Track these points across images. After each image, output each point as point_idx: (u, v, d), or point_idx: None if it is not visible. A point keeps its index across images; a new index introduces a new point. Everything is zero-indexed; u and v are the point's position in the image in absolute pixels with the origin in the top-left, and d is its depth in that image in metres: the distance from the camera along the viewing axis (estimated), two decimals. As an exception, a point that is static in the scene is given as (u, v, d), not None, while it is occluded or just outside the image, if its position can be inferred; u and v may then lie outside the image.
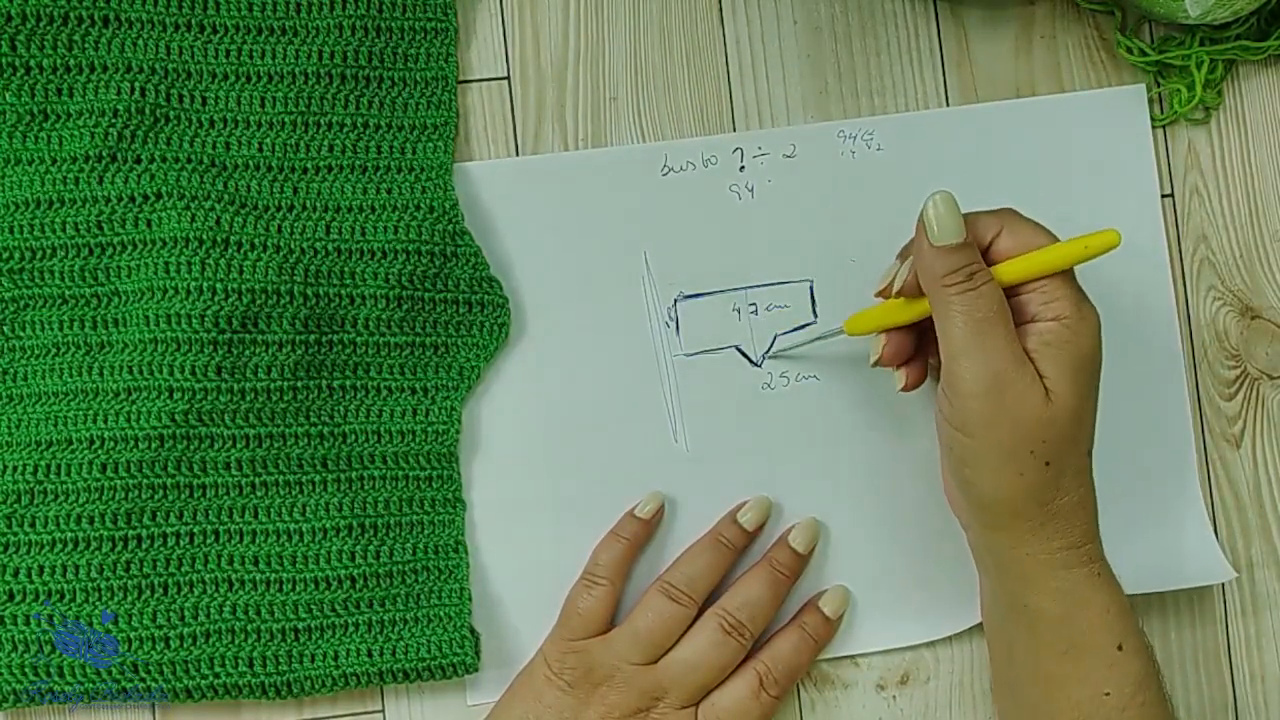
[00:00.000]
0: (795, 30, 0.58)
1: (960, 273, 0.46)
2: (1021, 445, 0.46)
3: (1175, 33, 0.59)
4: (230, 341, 0.52)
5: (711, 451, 0.56)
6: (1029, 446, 0.46)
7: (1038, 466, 0.46)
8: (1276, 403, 0.59)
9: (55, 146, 0.54)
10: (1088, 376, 0.47)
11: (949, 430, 0.48)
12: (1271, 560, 0.58)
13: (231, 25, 0.55)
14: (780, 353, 0.56)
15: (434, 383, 0.55)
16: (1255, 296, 0.59)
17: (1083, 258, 0.47)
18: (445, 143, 0.56)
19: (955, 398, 0.46)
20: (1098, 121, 0.58)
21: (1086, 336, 0.47)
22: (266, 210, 0.54)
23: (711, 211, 0.57)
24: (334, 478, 0.54)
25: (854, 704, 0.56)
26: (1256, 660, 0.58)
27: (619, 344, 0.56)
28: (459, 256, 0.55)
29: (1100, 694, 0.48)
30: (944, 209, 0.46)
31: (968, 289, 0.46)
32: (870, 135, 0.57)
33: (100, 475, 0.52)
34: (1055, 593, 0.48)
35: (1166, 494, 0.57)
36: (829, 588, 0.56)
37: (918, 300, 0.49)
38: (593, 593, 0.54)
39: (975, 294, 0.46)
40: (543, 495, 0.56)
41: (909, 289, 0.49)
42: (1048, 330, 0.46)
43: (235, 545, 0.53)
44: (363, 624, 0.53)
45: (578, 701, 0.52)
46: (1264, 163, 0.59)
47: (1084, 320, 0.47)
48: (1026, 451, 0.46)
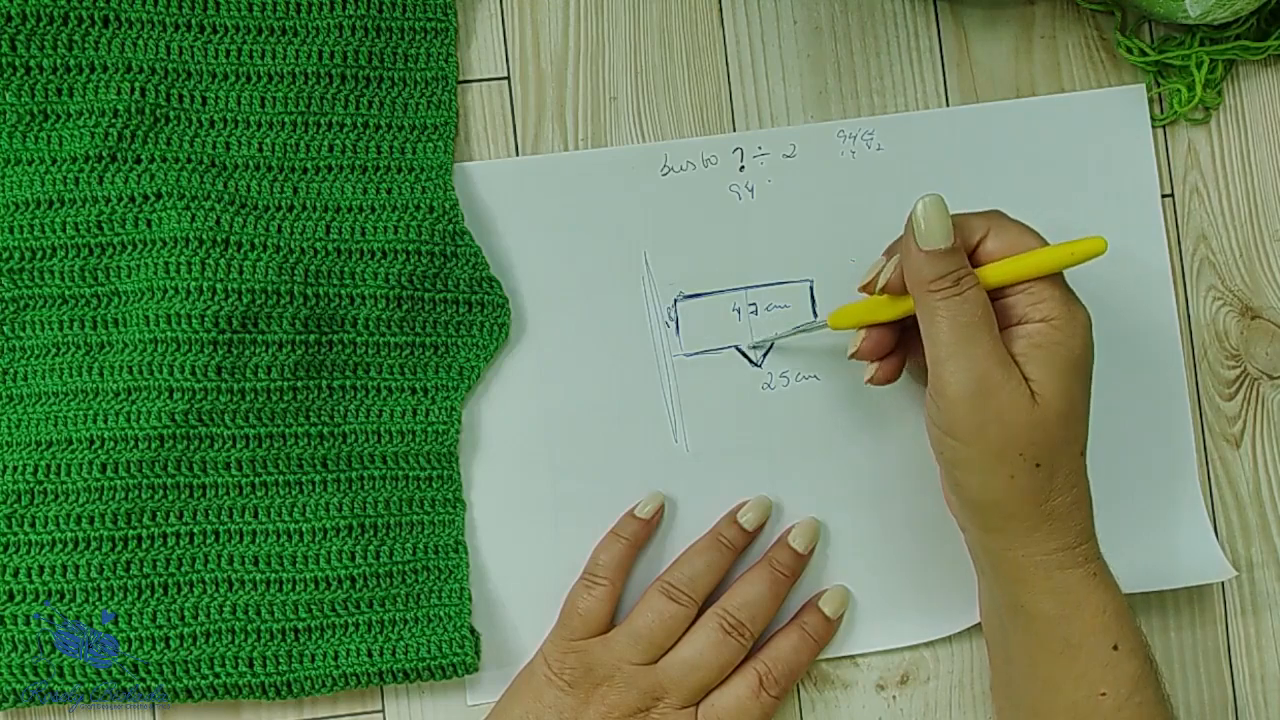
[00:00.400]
0: (795, 30, 0.58)
1: (946, 278, 0.46)
2: (1010, 448, 0.46)
3: (1175, 33, 0.59)
4: (230, 341, 0.52)
5: (711, 451, 0.56)
6: (1017, 449, 0.46)
7: (1028, 469, 0.46)
8: (1276, 403, 0.59)
9: (55, 146, 0.54)
10: (1078, 377, 0.47)
11: (939, 435, 0.48)
12: (1271, 560, 0.58)
13: (231, 25, 0.55)
14: (760, 343, 0.56)
15: (434, 383, 0.55)
16: (1255, 296, 0.59)
17: (1068, 263, 0.47)
18: (445, 143, 0.56)
19: (942, 402, 0.47)
20: (1098, 121, 0.58)
21: (1076, 337, 0.47)
22: (266, 210, 0.54)
23: (711, 211, 0.57)
24: (334, 478, 0.54)
25: (854, 704, 0.56)
26: (1256, 660, 0.58)
27: (619, 344, 0.56)
28: (459, 256, 0.55)
29: (1096, 694, 0.48)
30: (932, 213, 0.46)
31: (953, 294, 0.46)
32: (870, 135, 0.57)
33: (100, 475, 0.52)
34: (1051, 593, 0.48)
35: (1166, 494, 0.57)
36: (829, 588, 0.56)
37: (902, 298, 0.49)
38: (593, 593, 0.54)
39: (961, 299, 0.46)
40: (543, 495, 0.56)
41: (893, 287, 0.49)
42: (1036, 332, 0.47)
43: (235, 545, 0.53)
44: (363, 624, 0.54)
45: (578, 701, 0.52)
46: (1264, 163, 0.59)
47: (1073, 321, 0.47)
48: (1015, 454, 0.46)
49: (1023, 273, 0.47)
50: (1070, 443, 0.47)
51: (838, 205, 0.57)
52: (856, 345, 0.51)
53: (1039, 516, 0.47)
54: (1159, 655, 0.55)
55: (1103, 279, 0.49)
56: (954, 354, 0.46)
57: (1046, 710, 0.49)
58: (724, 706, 0.53)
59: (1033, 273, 0.47)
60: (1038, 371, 0.46)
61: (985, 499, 0.47)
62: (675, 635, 0.53)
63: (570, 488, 0.56)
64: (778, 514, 0.56)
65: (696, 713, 0.53)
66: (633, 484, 0.56)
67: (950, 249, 0.46)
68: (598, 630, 0.53)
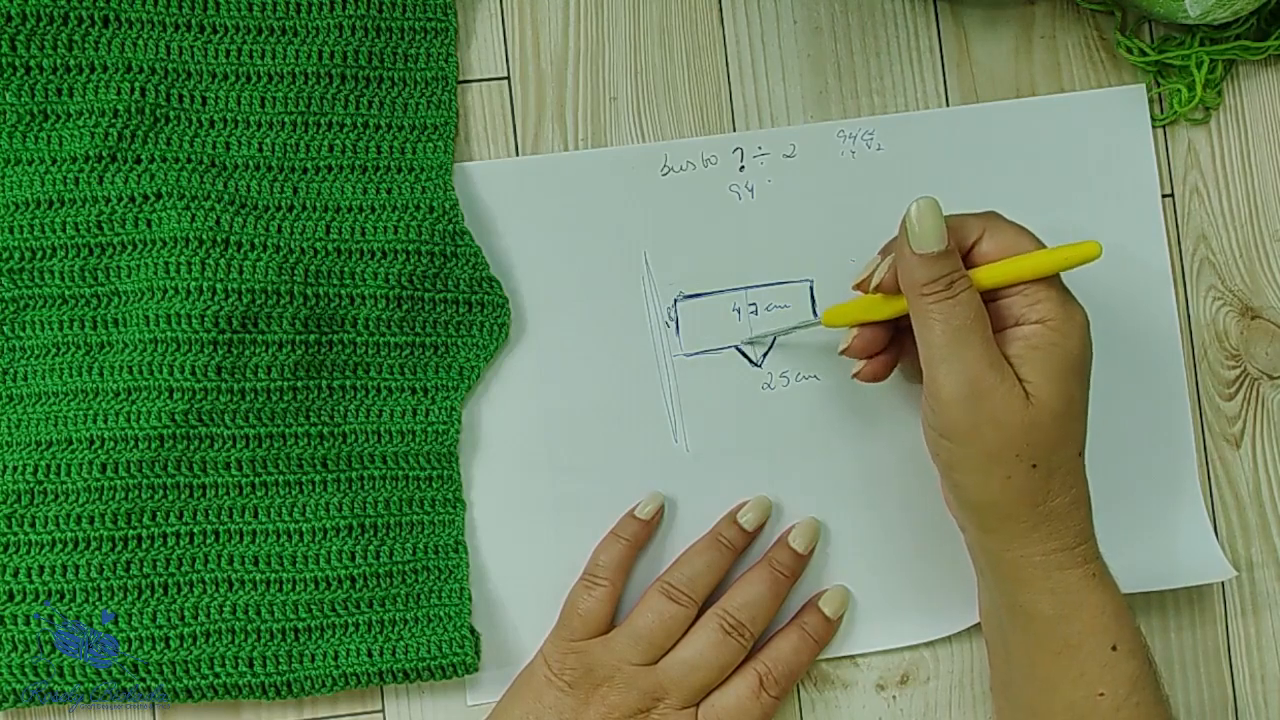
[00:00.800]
0: (795, 30, 0.58)
1: (939, 281, 0.46)
2: (1005, 450, 0.46)
3: (1175, 33, 0.59)
4: (230, 341, 0.52)
5: (711, 451, 0.56)
6: (1013, 450, 0.46)
7: (1025, 469, 0.46)
8: (1276, 403, 0.59)
9: (55, 146, 0.54)
10: (1075, 377, 0.47)
11: (935, 436, 0.48)
12: (1271, 560, 0.58)
13: (231, 25, 0.55)
14: (758, 339, 0.56)
15: (434, 383, 0.55)
16: (1255, 296, 0.59)
17: (1062, 266, 0.47)
18: (445, 143, 0.56)
19: (937, 404, 0.47)
20: (1098, 121, 0.58)
21: (1073, 338, 0.47)
22: (266, 210, 0.54)
23: (711, 211, 0.57)
24: (334, 478, 0.54)
25: (854, 704, 0.57)
26: (1256, 660, 0.58)
27: (619, 344, 0.56)
28: (459, 256, 0.55)
29: (1095, 694, 0.48)
30: (926, 216, 0.46)
31: (946, 298, 0.46)
32: (870, 135, 0.57)
33: (100, 475, 0.52)
34: (1049, 593, 0.48)
35: (1166, 494, 0.57)
36: (829, 588, 0.56)
37: (896, 298, 0.49)
38: (593, 593, 0.54)
39: (953, 302, 0.46)
40: (543, 495, 0.56)
41: (887, 286, 0.49)
42: (1032, 333, 0.47)
43: (235, 545, 0.53)
44: (363, 624, 0.54)
45: (578, 702, 0.52)
46: (1264, 163, 0.59)
47: (1070, 321, 0.47)
48: (1011, 455, 0.46)
49: (1018, 275, 0.47)
50: (1067, 443, 0.47)
51: (838, 205, 0.57)
52: (848, 342, 0.51)
53: (1037, 517, 0.47)
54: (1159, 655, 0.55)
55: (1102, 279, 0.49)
56: (946, 357, 0.46)
57: (1045, 710, 0.49)
58: (724, 707, 0.53)
59: (1028, 275, 0.47)
60: (1034, 373, 0.46)
61: (982, 500, 0.47)
62: (675, 636, 0.53)
63: (570, 488, 0.56)
64: (778, 514, 0.56)
65: (697, 713, 0.53)
66: (633, 484, 0.56)
67: (943, 252, 0.46)
68: (598, 631, 0.53)
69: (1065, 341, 0.46)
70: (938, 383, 0.46)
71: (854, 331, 0.51)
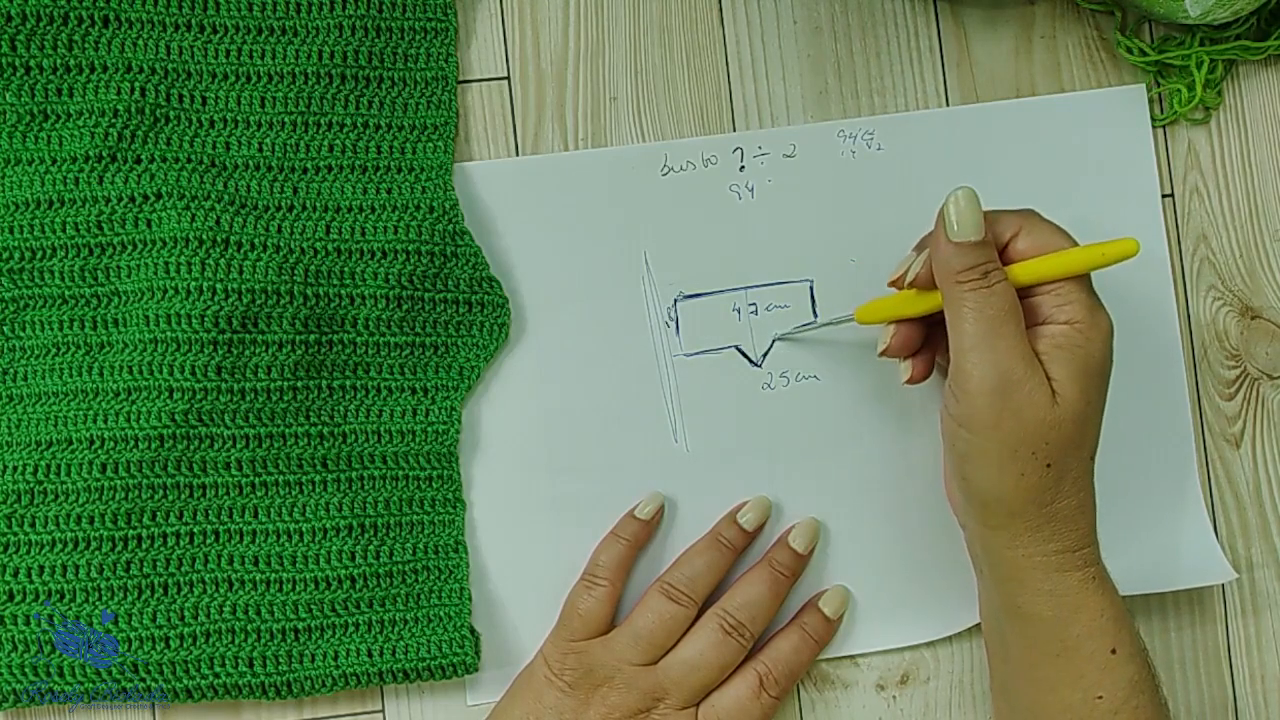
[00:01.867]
0: (795, 30, 0.58)
1: (975, 270, 0.46)
2: (1024, 446, 0.46)
3: (1175, 33, 0.59)
4: (230, 341, 0.52)
5: (711, 451, 0.56)
6: (1031, 448, 0.46)
7: (1039, 468, 0.46)
8: (1276, 403, 0.59)
9: (55, 146, 0.54)
10: (1096, 382, 0.47)
11: (954, 426, 0.48)
12: (1271, 560, 0.58)
13: (231, 25, 0.55)
14: (787, 335, 0.56)
15: (434, 383, 0.55)
16: (1255, 296, 0.59)
17: (1098, 264, 0.47)
18: (445, 143, 0.56)
19: (962, 394, 0.46)
20: (1098, 121, 0.58)
21: (1098, 343, 0.47)
22: (266, 210, 0.54)
23: (711, 211, 0.57)
24: (334, 478, 0.54)
25: (854, 704, 0.57)
26: (1256, 660, 0.58)
27: (619, 344, 0.56)
28: (459, 256, 0.55)
29: (1093, 697, 0.48)
30: (965, 205, 0.46)
31: (981, 286, 0.46)
32: (870, 135, 0.57)
33: (100, 475, 0.52)
34: (1049, 595, 0.48)
35: (1166, 494, 0.57)
36: (829, 588, 0.56)
37: (930, 293, 0.49)
38: (593, 593, 0.54)
39: (988, 292, 0.46)
40: (543, 495, 0.56)
41: (922, 281, 0.49)
42: (1060, 333, 0.47)
43: (235, 545, 0.53)
44: (363, 624, 0.54)
45: (578, 702, 0.52)
46: (1264, 163, 0.59)
47: (1096, 326, 0.47)
48: (1029, 452, 0.46)
49: (1052, 272, 0.47)
50: (1082, 447, 0.47)
51: (838, 205, 0.57)
52: (886, 341, 0.51)
53: (1042, 517, 0.47)
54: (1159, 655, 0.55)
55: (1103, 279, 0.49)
56: (977, 346, 0.46)
57: (1044, 712, 0.49)
58: (724, 707, 0.53)
59: (1062, 273, 0.47)
60: (1059, 372, 0.46)
61: (992, 495, 0.47)
62: (675, 636, 0.53)
63: (570, 488, 0.56)
64: (778, 514, 0.56)
65: (697, 713, 0.53)
66: (633, 484, 0.56)
67: (980, 242, 0.46)
68: (598, 631, 0.53)
69: (1090, 345, 0.47)
70: (966, 372, 0.46)
71: (892, 329, 0.51)
